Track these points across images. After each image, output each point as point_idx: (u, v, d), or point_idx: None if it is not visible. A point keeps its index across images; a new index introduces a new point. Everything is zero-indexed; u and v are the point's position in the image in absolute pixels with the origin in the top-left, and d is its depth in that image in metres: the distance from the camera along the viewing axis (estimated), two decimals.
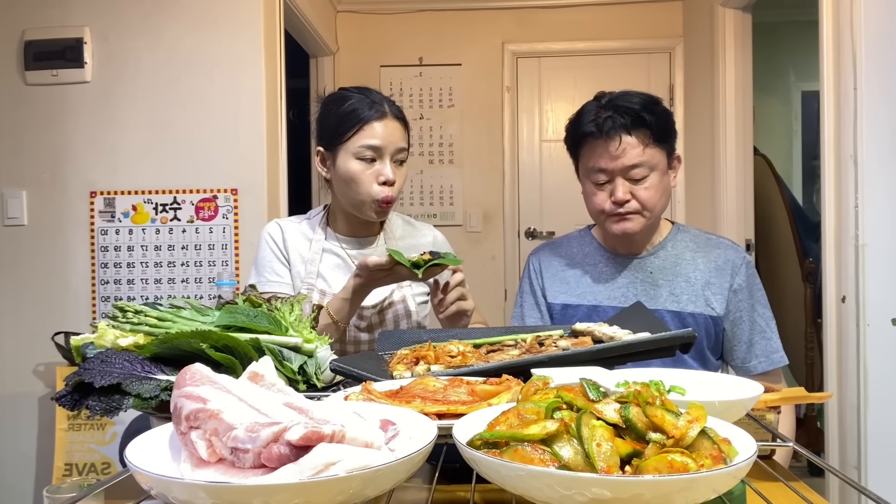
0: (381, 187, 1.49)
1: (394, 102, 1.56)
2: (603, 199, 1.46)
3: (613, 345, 1.01)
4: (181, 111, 2.63)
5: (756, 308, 1.48)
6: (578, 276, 1.57)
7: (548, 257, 1.63)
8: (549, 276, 1.60)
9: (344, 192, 1.53)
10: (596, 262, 1.58)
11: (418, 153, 4.19)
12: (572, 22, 4.14)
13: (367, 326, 1.53)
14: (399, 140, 1.52)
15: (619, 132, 1.41)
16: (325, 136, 1.54)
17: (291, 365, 1.00)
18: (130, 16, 2.64)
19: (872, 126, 2.08)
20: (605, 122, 1.42)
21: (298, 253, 1.59)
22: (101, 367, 0.89)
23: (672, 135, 1.48)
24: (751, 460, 0.57)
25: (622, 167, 1.42)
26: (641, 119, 1.42)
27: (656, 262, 1.53)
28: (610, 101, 1.45)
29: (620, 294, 1.52)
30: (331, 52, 4.12)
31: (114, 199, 2.66)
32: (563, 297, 1.57)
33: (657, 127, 1.44)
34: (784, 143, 4.75)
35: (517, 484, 0.56)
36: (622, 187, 1.43)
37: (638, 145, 1.42)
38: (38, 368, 2.65)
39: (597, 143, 1.44)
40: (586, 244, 1.62)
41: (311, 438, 0.55)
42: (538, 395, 0.69)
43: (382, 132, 1.49)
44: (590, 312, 1.52)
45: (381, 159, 1.49)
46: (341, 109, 1.51)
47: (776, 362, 1.46)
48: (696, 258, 1.52)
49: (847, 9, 2.13)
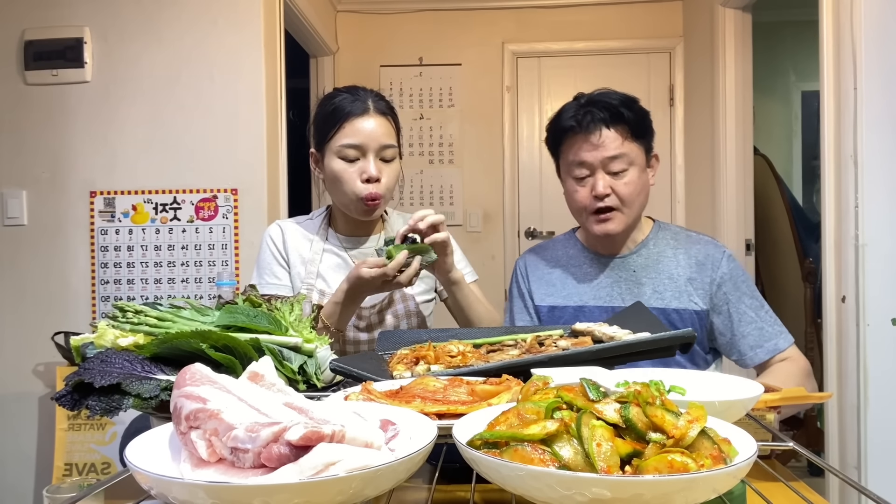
0: (365, 185, 1.47)
1: (382, 98, 1.55)
2: (584, 196, 1.49)
3: (613, 345, 1.01)
4: (181, 111, 2.64)
5: (743, 300, 1.47)
6: (563, 277, 1.60)
7: (533, 261, 1.66)
8: (536, 279, 1.62)
9: (333, 192, 1.54)
10: (580, 263, 1.60)
11: (418, 153, 4.20)
12: (572, 22, 4.14)
13: (366, 326, 1.53)
14: (383, 136, 1.49)
15: (599, 125, 1.46)
16: (316, 137, 1.55)
17: (291, 365, 1.00)
18: (130, 16, 2.64)
19: (872, 126, 2.08)
20: (584, 117, 1.47)
21: (299, 254, 1.59)
22: (101, 367, 0.89)
23: (650, 133, 1.52)
24: (751, 460, 0.57)
25: (602, 159, 1.45)
26: (620, 114, 1.46)
27: (639, 261, 1.54)
28: (589, 100, 1.50)
29: (605, 294, 1.54)
30: (331, 52, 4.12)
31: (114, 198, 2.66)
32: (549, 300, 1.58)
33: (635, 123, 1.48)
34: (784, 143, 4.75)
35: (517, 484, 0.56)
36: (602, 181, 1.46)
37: (617, 138, 1.46)
38: (38, 368, 2.65)
39: (577, 137, 1.48)
40: (571, 246, 1.64)
41: (311, 438, 0.55)
42: (538, 395, 0.69)
43: (363, 129, 1.47)
44: (576, 313, 1.53)
45: (365, 157, 1.48)
46: (326, 109, 1.52)
47: (771, 350, 1.44)
48: (678, 254, 1.53)
49: (847, 9, 2.13)
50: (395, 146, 1.54)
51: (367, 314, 1.53)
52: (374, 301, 1.53)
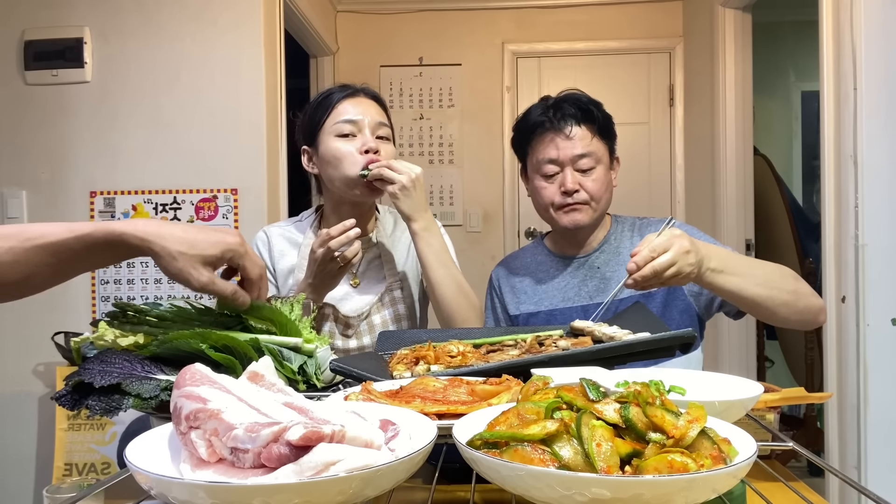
0: (366, 156, 1.44)
1: (370, 88, 1.55)
2: (552, 192, 1.50)
3: (613, 345, 1.01)
4: (181, 111, 2.64)
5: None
6: (533, 284, 1.60)
7: (504, 272, 1.67)
8: (507, 289, 1.63)
9: (332, 176, 1.48)
10: (548, 268, 1.61)
11: (418, 153, 4.20)
12: (572, 22, 4.14)
13: (355, 335, 1.51)
14: (377, 115, 1.49)
15: (570, 121, 1.48)
16: (307, 130, 1.53)
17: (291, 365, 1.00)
18: (130, 16, 2.64)
19: (872, 126, 2.08)
20: (555, 114, 1.49)
21: (285, 266, 1.55)
22: (101, 367, 0.89)
23: (613, 135, 1.55)
24: (751, 460, 0.57)
25: (572, 156, 1.47)
26: (590, 112, 1.49)
27: (603, 258, 1.56)
28: (557, 100, 1.53)
29: (574, 294, 1.55)
30: (331, 52, 4.12)
31: (114, 198, 2.66)
32: (523, 307, 1.59)
33: (602, 123, 1.51)
34: (784, 143, 4.75)
35: (517, 484, 0.56)
36: (571, 177, 1.47)
37: (587, 135, 1.49)
38: (38, 368, 2.65)
39: (547, 134, 1.50)
40: (539, 252, 1.66)
41: (311, 438, 0.55)
42: (538, 395, 0.69)
43: (357, 107, 1.48)
44: (548, 317, 1.54)
45: (361, 132, 1.46)
46: (315, 101, 1.53)
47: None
48: (634, 241, 1.54)
49: (847, 9, 2.13)
50: (389, 127, 1.53)
51: (355, 322, 1.50)
52: (362, 309, 1.51)
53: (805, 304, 1.31)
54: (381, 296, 1.53)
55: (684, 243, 1.17)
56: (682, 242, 1.17)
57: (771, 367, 3.76)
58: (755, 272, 1.28)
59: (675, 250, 1.15)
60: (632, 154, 3.78)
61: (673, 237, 1.18)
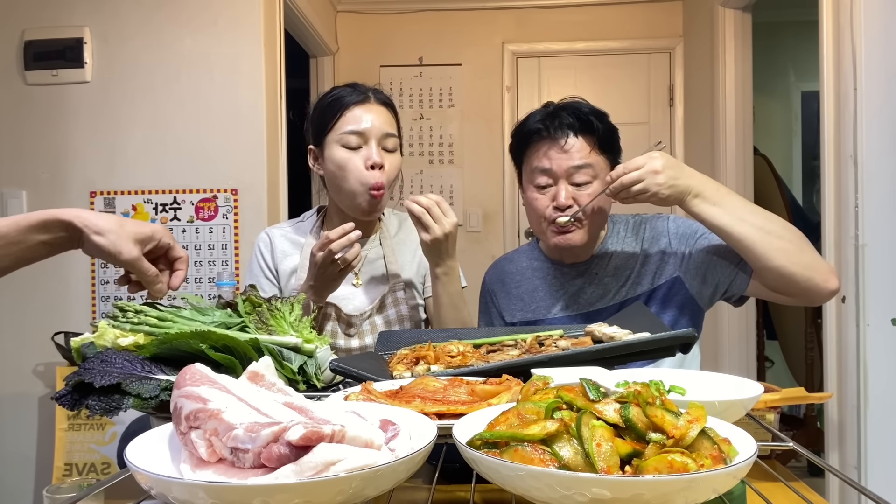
0: (371, 172, 1.44)
1: (381, 91, 1.53)
2: (544, 204, 1.42)
3: (613, 345, 1.01)
4: (181, 111, 2.64)
5: (699, 241, 1.42)
6: (531, 291, 1.55)
7: (499, 277, 1.62)
8: (503, 295, 1.58)
9: (335, 185, 1.49)
10: (545, 275, 1.55)
11: (418, 153, 4.20)
12: (572, 22, 4.14)
13: (357, 334, 1.51)
14: (384, 125, 1.48)
15: (567, 131, 1.40)
16: (314, 132, 1.53)
17: (291, 365, 1.00)
18: (130, 16, 2.64)
19: (872, 126, 2.08)
20: (552, 122, 1.41)
21: (287, 267, 1.55)
22: (101, 367, 0.89)
23: (617, 150, 1.47)
24: (751, 460, 0.57)
25: (566, 168, 1.39)
26: (589, 123, 1.41)
27: (601, 263, 1.50)
28: (558, 107, 1.45)
29: (574, 302, 1.50)
30: (331, 52, 4.12)
31: (114, 199, 2.66)
32: (520, 315, 1.54)
33: (603, 135, 1.42)
34: (784, 143, 4.75)
35: (517, 484, 0.56)
36: (565, 191, 1.39)
37: (584, 147, 1.40)
38: (38, 368, 2.65)
39: (543, 142, 1.42)
40: (534, 257, 1.59)
41: (311, 438, 0.55)
42: (538, 395, 0.70)
43: (364, 116, 1.46)
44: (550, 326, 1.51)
45: (367, 144, 1.46)
46: (325, 102, 1.51)
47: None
48: (630, 241, 1.50)
49: (847, 9, 2.13)
50: (397, 136, 1.52)
51: (357, 322, 1.50)
52: (364, 309, 1.51)
53: (810, 258, 1.26)
54: (384, 296, 1.53)
55: (655, 164, 1.25)
56: (653, 163, 1.25)
57: (771, 367, 3.76)
58: (755, 218, 1.27)
59: (644, 169, 1.24)
60: (632, 154, 3.72)
61: (650, 157, 1.25)
